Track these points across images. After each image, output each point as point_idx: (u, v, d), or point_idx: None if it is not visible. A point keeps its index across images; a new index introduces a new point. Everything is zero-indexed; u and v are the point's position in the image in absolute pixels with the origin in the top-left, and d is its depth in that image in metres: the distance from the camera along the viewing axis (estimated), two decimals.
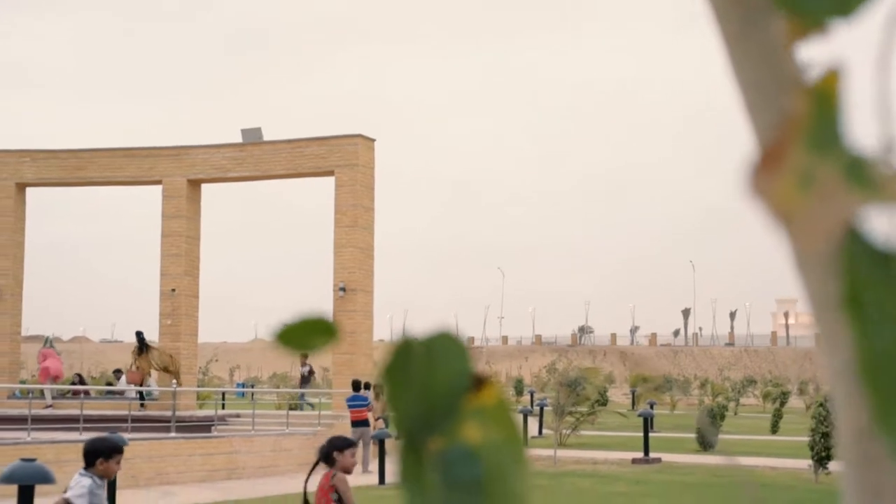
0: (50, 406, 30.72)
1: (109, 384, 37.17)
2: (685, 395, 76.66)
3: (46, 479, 10.53)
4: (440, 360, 0.86)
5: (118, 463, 8.24)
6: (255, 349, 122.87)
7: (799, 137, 0.55)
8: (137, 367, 32.45)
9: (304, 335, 1.00)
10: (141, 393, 31.94)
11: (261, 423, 29.17)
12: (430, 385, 0.85)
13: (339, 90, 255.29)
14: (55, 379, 32.02)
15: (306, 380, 37.11)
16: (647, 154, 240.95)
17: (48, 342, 34.13)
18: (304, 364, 37.66)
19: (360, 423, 27.17)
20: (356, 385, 28.15)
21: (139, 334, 32.64)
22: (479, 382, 0.88)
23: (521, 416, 35.93)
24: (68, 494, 8.04)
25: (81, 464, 23.34)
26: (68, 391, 33.04)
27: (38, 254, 72.59)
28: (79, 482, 8.09)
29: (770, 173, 0.56)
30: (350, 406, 27.39)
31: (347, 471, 8.84)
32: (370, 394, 27.89)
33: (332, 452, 8.67)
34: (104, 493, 8.24)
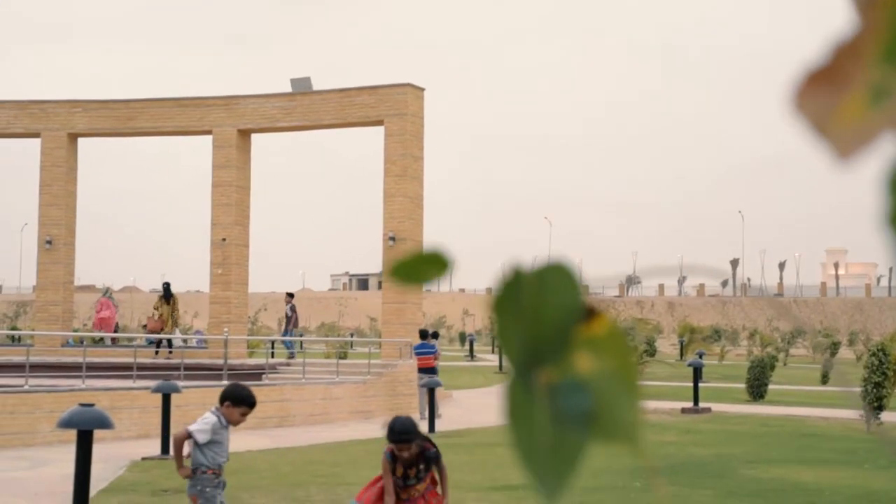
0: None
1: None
2: (734, 345, 76.43)
3: (105, 424, 10.66)
4: (551, 292, 0.86)
5: (242, 414, 8.61)
6: (304, 299, 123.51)
7: (873, 49, 0.55)
8: (159, 316, 32.87)
9: (419, 267, 1.01)
10: (159, 341, 32.35)
11: (311, 371, 29.39)
12: (541, 316, 0.85)
13: (388, 39, 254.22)
14: (106, 328, 32.42)
15: (290, 320, 35.73)
16: (697, 103, 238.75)
17: (107, 292, 34.55)
18: (288, 303, 36.11)
19: (427, 370, 28.39)
20: (423, 334, 29.61)
21: (166, 285, 33.17)
22: (591, 313, 0.88)
23: None
24: (192, 427, 8.41)
25: (135, 411, 23.66)
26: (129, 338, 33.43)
27: (89, 204, 73.05)
28: (205, 417, 8.50)
29: (822, 89, 0.56)
30: (417, 353, 28.81)
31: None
32: (437, 342, 29.36)
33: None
34: (228, 432, 8.77)
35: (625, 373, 0.81)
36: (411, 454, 8.03)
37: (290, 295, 36.45)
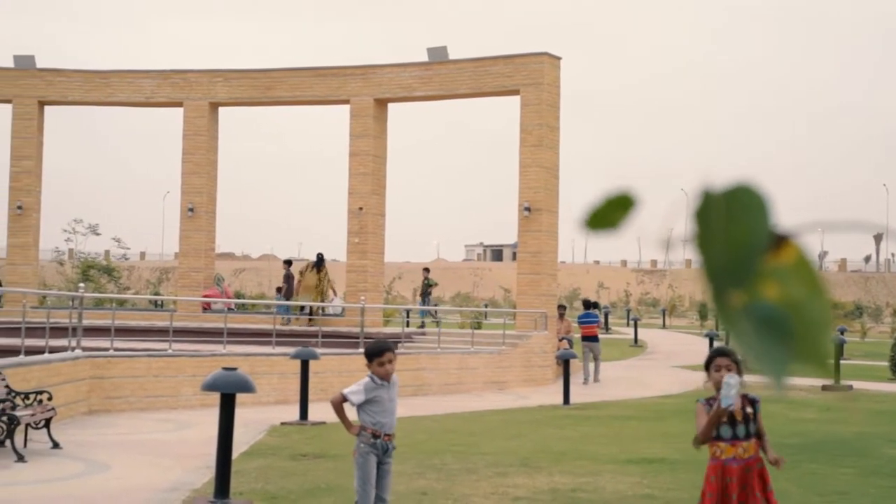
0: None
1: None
2: (877, 322, 74.61)
3: (247, 388, 10.82)
4: (741, 215, 0.82)
5: (381, 364, 8.78)
6: (438, 269, 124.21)
7: None
8: (299, 281, 33.30)
9: (608, 213, 0.96)
10: (301, 308, 32.78)
11: (446, 341, 29.53)
12: (732, 239, 0.81)
13: (525, 6, 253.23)
14: (207, 307, 32.89)
15: (289, 289, 35.20)
16: (839, 70, 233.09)
17: (218, 281, 35.07)
18: (286, 270, 35.97)
19: (590, 338, 30.40)
20: (588, 304, 32.19)
21: (320, 255, 33.57)
22: (780, 239, 0.83)
23: (707, 340, 35.49)
24: (346, 389, 8.61)
25: (274, 377, 24.04)
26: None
27: (229, 172, 74.30)
28: (361, 380, 8.66)
29: None
30: (581, 322, 30.80)
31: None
32: (597, 311, 32.02)
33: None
34: (388, 392, 8.77)
35: (816, 299, 0.79)
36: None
37: (288, 262, 36.87)
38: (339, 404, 8.72)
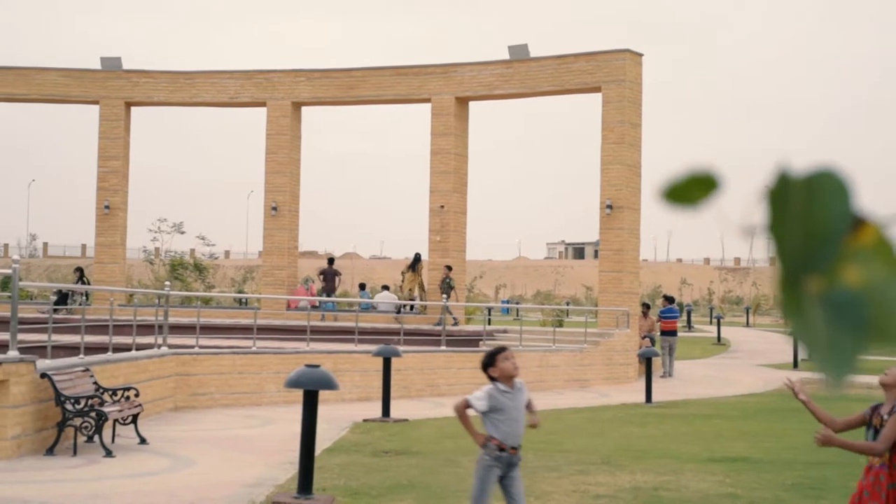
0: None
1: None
2: None
3: (330, 385, 10.91)
4: (821, 198, 0.82)
5: (498, 364, 8.20)
6: (519, 267, 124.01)
7: None
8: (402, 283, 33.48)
9: (689, 189, 0.98)
10: (400, 307, 32.91)
11: (527, 338, 29.50)
12: (811, 222, 0.82)
13: (607, 3, 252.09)
14: (295, 305, 33.18)
15: (329, 286, 35.23)
16: None
17: (306, 281, 35.39)
18: (329, 268, 35.93)
19: (669, 332, 31.27)
20: (670, 299, 33.18)
21: (417, 255, 33.76)
22: (860, 223, 0.83)
23: (792, 339, 35.07)
24: (470, 395, 8.26)
25: (357, 374, 24.12)
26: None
27: (312, 171, 74.79)
28: (485, 386, 8.18)
29: None
30: (664, 317, 31.58)
31: None
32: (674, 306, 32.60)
33: None
34: (514, 400, 8.16)
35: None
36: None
37: (332, 259, 36.90)
38: (462, 410, 8.07)
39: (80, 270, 35.15)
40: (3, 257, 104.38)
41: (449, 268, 32.96)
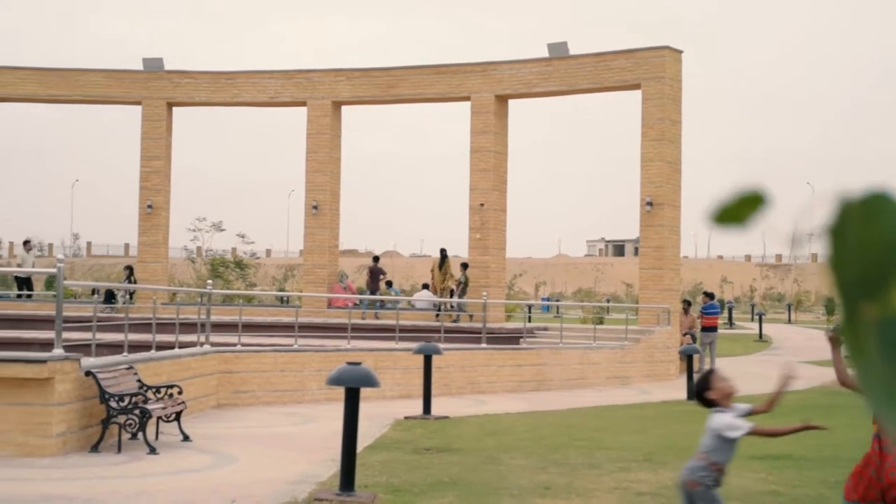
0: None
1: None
2: None
3: (371, 382, 10.96)
4: (878, 223, 0.82)
5: (716, 385, 7.93)
6: (559, 264, 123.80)
7: None
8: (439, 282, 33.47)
9: (737, 209, 1.00)
10: (440, 305, 32.94)
11: (568, 336, 29.48)
12: (866, 248, 0.82)
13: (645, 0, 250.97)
14: (342, 306, 33.29)
15: (374, 284, 35.64)
16: None
17: (342, 278, 35.47)
18: (375, 259, 36.80)
19: (710, 329, 31.08)
20: (711, 295, 32.77)
21: (443, 252, 33.73)
22: None
23: None
24: (723, 433, 7.93)
25: (398, 371, 24.10)
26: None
27: (352, 170, 74.98)
28: (717, 420, 7.89)
29: None
30: (705, 313, 31.30)
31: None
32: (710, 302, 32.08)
33: None
34: (739, 416, 7.99)
35: None
36: None
37: (377, 258, 37.01)
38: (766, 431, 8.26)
39: (129, 269, 35.47)
40: (47, 257, 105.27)
41: (465, 265, 33.05)
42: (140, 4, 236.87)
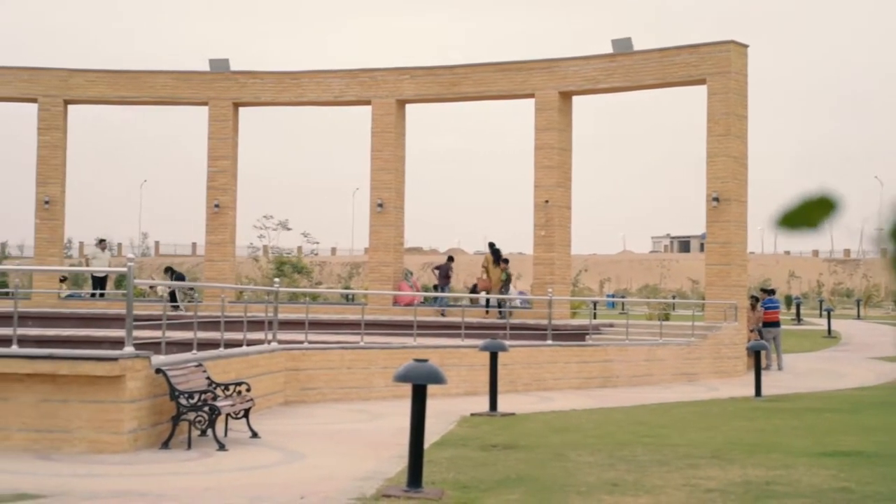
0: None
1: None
2: None
3: (438, 379, 11.00)
4: None
5: None
6: (624, 261, 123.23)
7: None
8: (487, 276, 33.36)
9: (806, 213, 1.01)
10: (488, 301, 32.91)
11: (633, 332, 29.37)
12: None
13: None
14: (407, 304, 33.38)
15: (444, 281, 35.26)
16: None
17: (407, 275, 35.58)
18: (449, 258, 36.66)
19: (772, 324, 31.57)
20: (772, 291, 33.78)
21: (492, 245, 33.66)
22: None
23: None
24: None
25: (463, 368, 24.18)
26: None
27: (417, 168, 75.04)
28: None
29: None
30: (767, 308, 31.84)
31: None
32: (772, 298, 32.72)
33: None
34: None
35: None
36: None
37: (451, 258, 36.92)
38: None
39: (170, 270, 36.21)
40: (117, 256, 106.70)
41: (506, 261, 33.06)
42: (205, 6, 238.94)
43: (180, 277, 36.13)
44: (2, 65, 36.62)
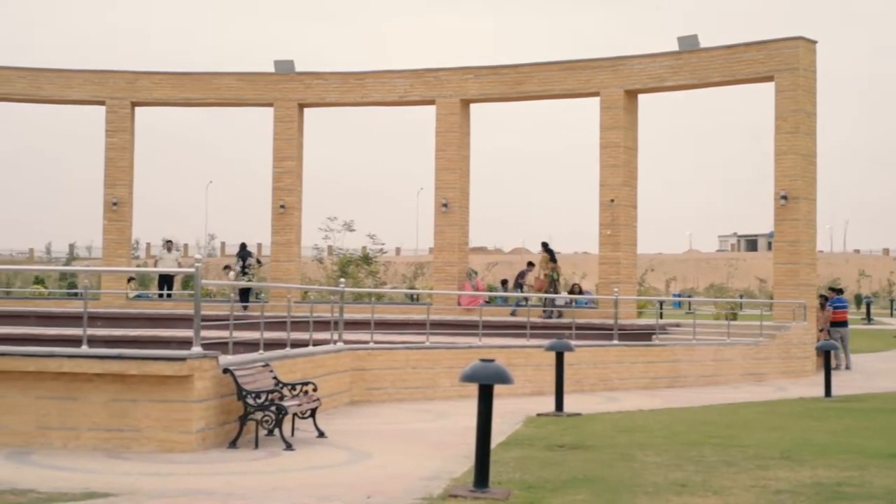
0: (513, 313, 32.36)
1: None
2: None
3: (504, 379, 10.95)
4: None
5: None
6: (690, 260, 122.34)
7: None
8: (545, 276, 33.20)
9: None
10: (545, 301, 32.79)
11: (700, 332, 29.12)
12: None
13: None
14: (470, 304, 33.34)
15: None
16: None
17: (471, 276, 35.58)
18: (529, 264, 36.33)
19: (840, 323, 31.31)
20: (840, 290, 33.50)
21: (545, 244, 33.53)
22: None
23: None
24: None
25: (529, 368, 24.12)
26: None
27: (481, 167, 75.00)
28: None
29: None
30: (835, 307, 31.54)
31: None
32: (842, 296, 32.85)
33: None
34: None
35: None
36: None
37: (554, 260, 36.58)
38: None
39: (227, 267, 36.69)
40: (184, 257, 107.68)
41: (554, 260, 32.91)
42: (270, 8, 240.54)
43: (249, 255, 36.38)
44: (71, 68, 37.13)
